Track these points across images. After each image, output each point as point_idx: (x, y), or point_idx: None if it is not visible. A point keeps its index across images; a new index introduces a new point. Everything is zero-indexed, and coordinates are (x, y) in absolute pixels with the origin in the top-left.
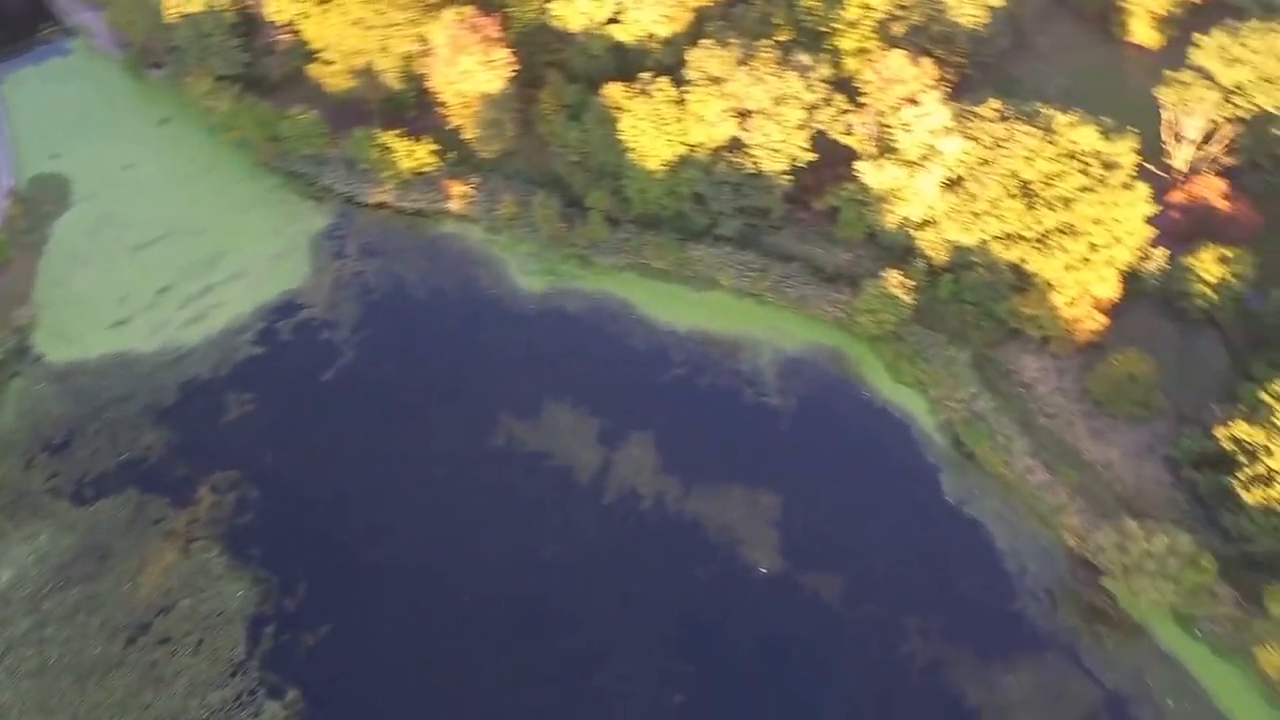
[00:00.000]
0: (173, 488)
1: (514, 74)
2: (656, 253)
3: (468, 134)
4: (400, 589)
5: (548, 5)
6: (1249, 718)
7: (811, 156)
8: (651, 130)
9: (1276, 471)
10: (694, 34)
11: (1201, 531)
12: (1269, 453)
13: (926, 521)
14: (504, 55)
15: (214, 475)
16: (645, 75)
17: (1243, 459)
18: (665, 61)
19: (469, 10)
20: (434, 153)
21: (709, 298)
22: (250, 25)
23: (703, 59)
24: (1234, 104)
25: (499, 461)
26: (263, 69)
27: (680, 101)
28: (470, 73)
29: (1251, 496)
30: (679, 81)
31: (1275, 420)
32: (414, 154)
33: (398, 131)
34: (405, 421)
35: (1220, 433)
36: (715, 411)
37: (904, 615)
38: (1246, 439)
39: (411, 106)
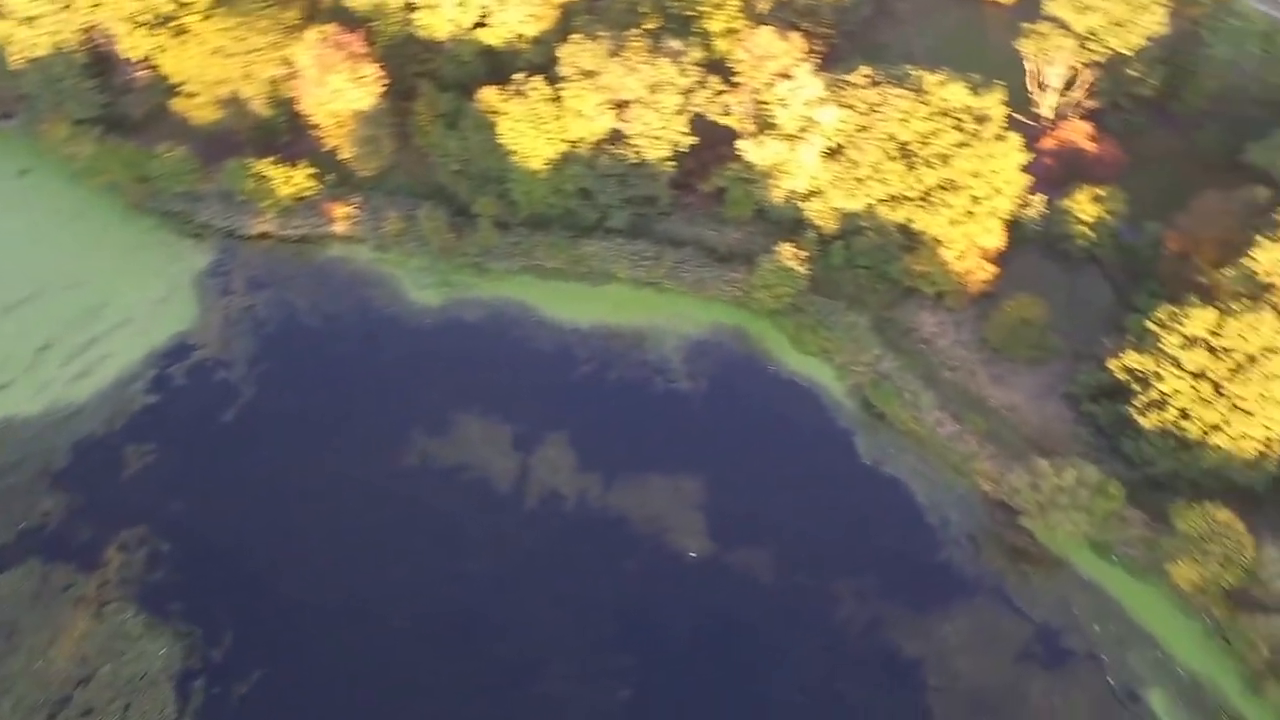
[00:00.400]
0: (78, 552)
1: (385, 88)
2: (550, 253)
3: (345, 154)
4: (329, 623)
5: (412, 16)
6: (1169, 631)
7: (693, 140)
8: (531, 131)
9: (1168, 395)
10: (562, 30)
11: (1106, 461)
12: (1159, 378)
13: (846, 485)
14: (373, 70)
15: (120, 533)
16: (518, 76)
17: (1136, 387)
18: (537, 61)
19: (331, 28)
20: (312, 176)
21: (607, 291)
22: (104, 64)
23: (574, 54)
24: (1089, 49)
25: (414, 480)
26: (123, 108)
27: (556, 99)
28: (340, 91)
29: (1148, 421)
30: (553, 79)
31: (1162, 347)
32: (291, 180)
33: (272, 159)
34: (313, 453)
35: (1113, 365)
36: (627, 404)
37: (836, 580)
38: (1137, 367)
39: (284, 132)
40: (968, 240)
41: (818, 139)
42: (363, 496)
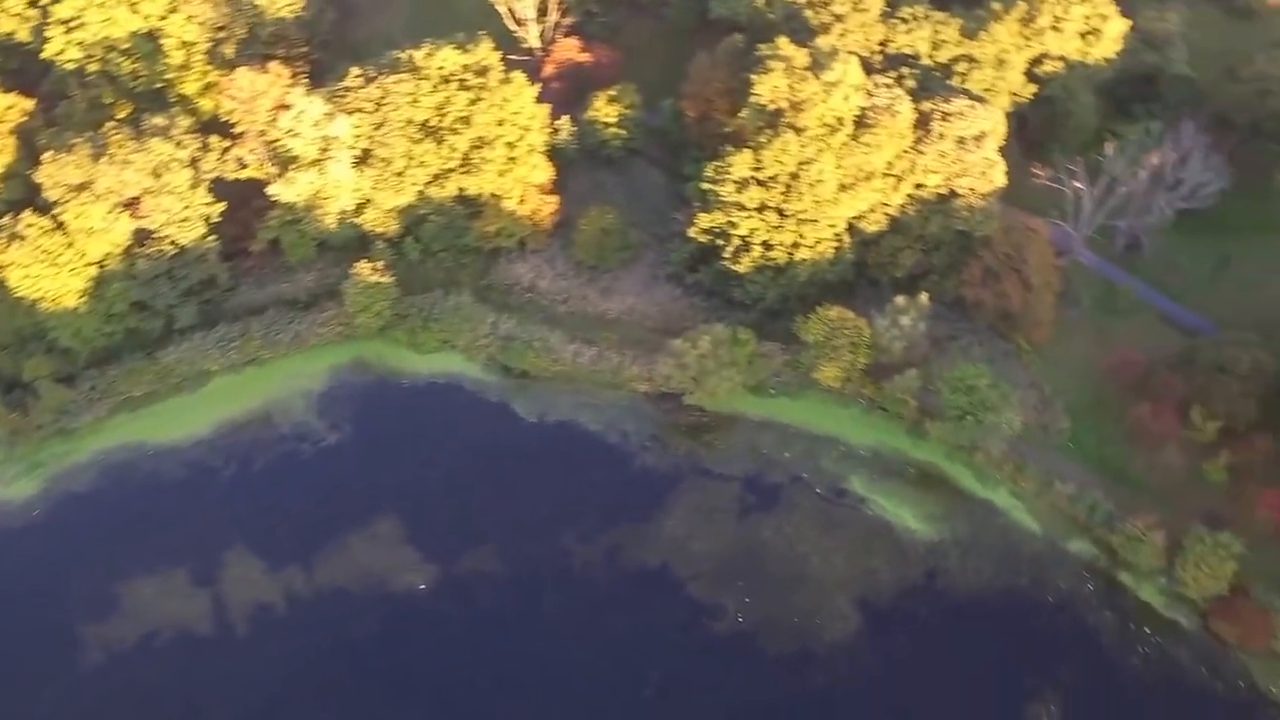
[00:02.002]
0: None
1: None
2: (132, 381)
3: None
4: None
5: None
6: (839, 425)
7: (222, 206)
8: (47, 270)
9: (747, 236)
10: (29, 156)
11: (727, 315)
12: (733, 225)
13: (522, 449)
14: None
15: None
16: (4, 221)
17: (720, 242)
18: (15, 197)
19: None
20: None
21: (211, 390)
22: None
23: (55, 173)
24: None
25: (118, 664)
26: None
27: (59, 226)
28: None
29: (742, 265)
30: (44, 208)
31: (723, 199)
32: None
33: None
34: None
35: (693, 233)
36: (288, 484)
37: (562, 537)
38: (712, 225)
39: None
40: (521, 184)
41: (342, 153)
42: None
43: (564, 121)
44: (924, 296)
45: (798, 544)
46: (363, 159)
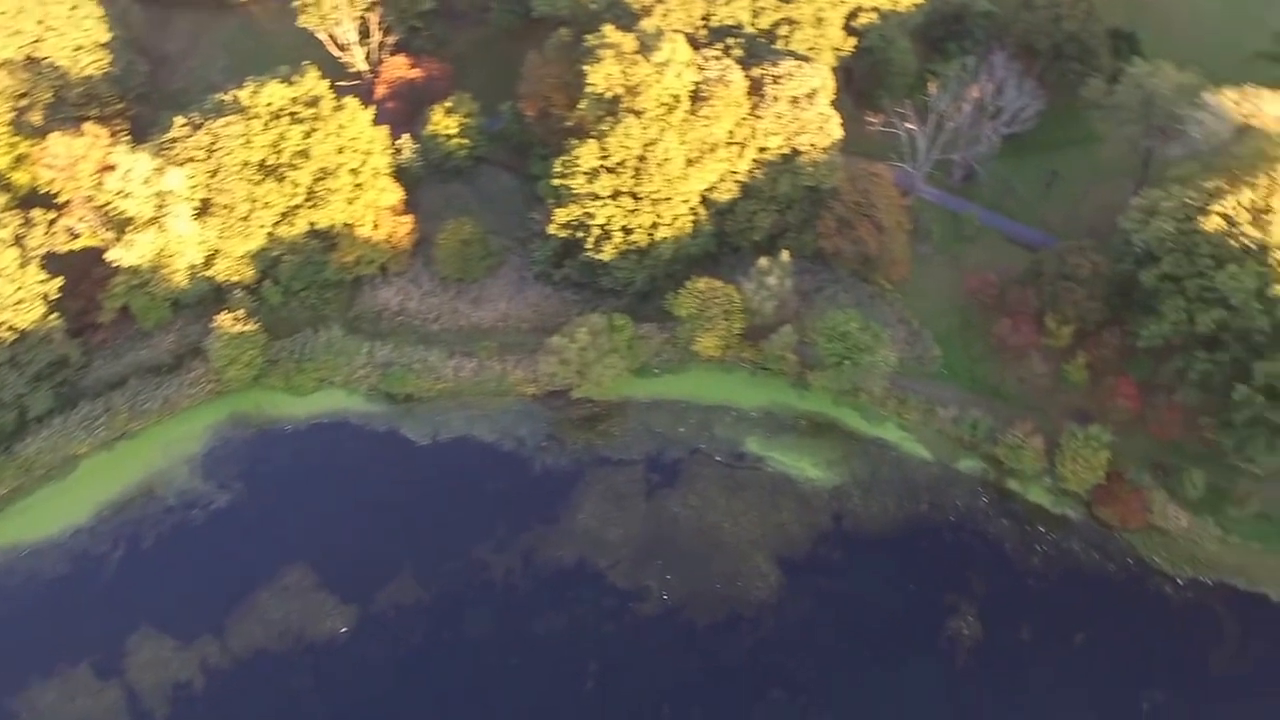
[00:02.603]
0: None
1: None
2: None
3: None
4: None
5: None
6: (727, 392)
7: (59, 282)
8: None
9: (606, 224)
10: None
11: (601, 303)
12: (590, 216)
13: (420, 473)
14: None
15: None
16: None
17: (580, 234)
18: None
19: None
20: None
21: (83, 474)
22: None
23: None
24: None
25: None
26: None
27: None
28: None
29: (607, 253)
30: None
31: (575, 192)
32: None
33: None
34: None
35: (552, 230)
36: (181, 554)
37: (473, 551)
38: (569, 219)
39: None
40: (372, 209)
41: (180, 207)
42: None
43: (405, 140)
44: (785, 254)
45: (707, 513)
46: (203, 209)
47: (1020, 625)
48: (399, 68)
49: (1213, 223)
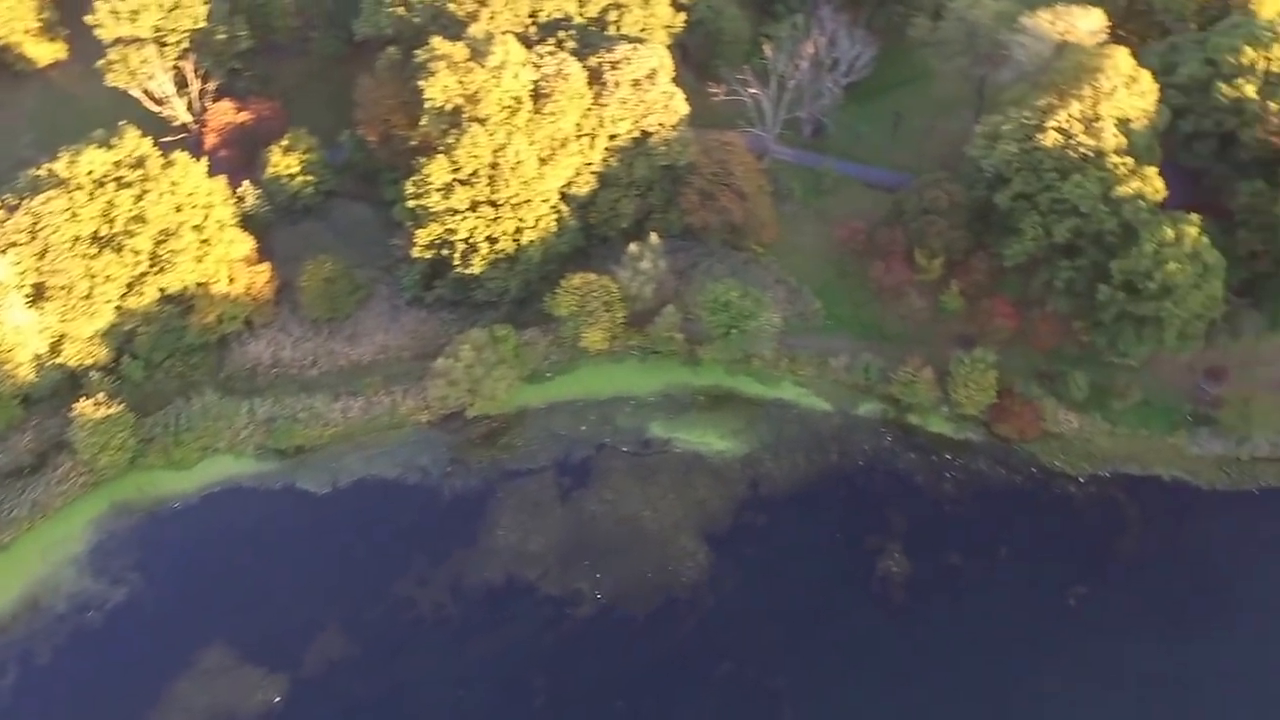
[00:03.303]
0: None
1: None
2: None
3: None
4: None
5: None
6: (621, 382)
7: None
8: None
9: (470, 237)
10: None
11: (479, 317)
12: (452, 232)
13: (326, 523)
14: None
15: None
16: None
17: (446, 252)
18: None
19: None
20: None
21: None
22: None
23: None
24: (169, 43)
25: None
26: None
27: None
28: None
29: (476, 266)
30: None
31: (433, 210)
32: None
33: None
34: None
35: (416, 253)
36: (82, 661)
37: (397, 590)
38: (431, 238)
39: None
40: (224, 263)
41: (10, 296)
42: None
43: (246, 187)
44: (654, 237)
45: (625, 505)
46: (38, 294)
47: (945, 551)
48: (226, 113)
49: (1051, 138)
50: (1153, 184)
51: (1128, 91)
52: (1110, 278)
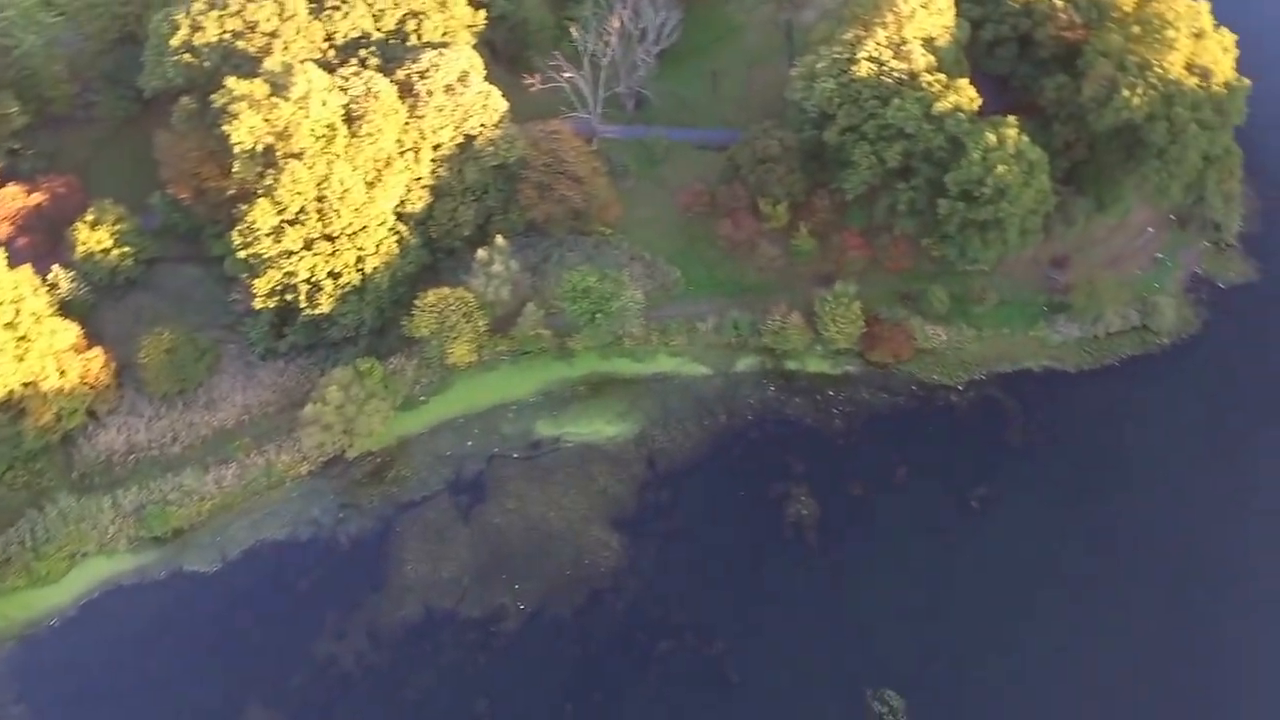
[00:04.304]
0: None
1: None
2: None
3: None
4: None
5: None
6: (499, 389)
7: None
8: None
9: (311, 276)
10: None
11: (338, 356)
12: (292, 275)
13: (223, 600)
14: None
15: None
16: None
17: (290, 296)
18: None
19: None
20: None
21: None
22: None
23: None
24: None
25: None
26: None
27: None
28: None
29: (324, 305)
30: None
31: (265, 256)
32: None
33: None
34: None
35: (257, 303)
36: None
37: (314, 651)
38: (272, 285)
39: None
40: (50, 357)
41: None
42: None
43: (57, 272)
44: (499, 239)
45: (528, 510)
46: None
47: (847, 485)
48: (15, 198)
49: (864, 68)
50: (967, 95)
51: (926, 12)
52: (947, 191)
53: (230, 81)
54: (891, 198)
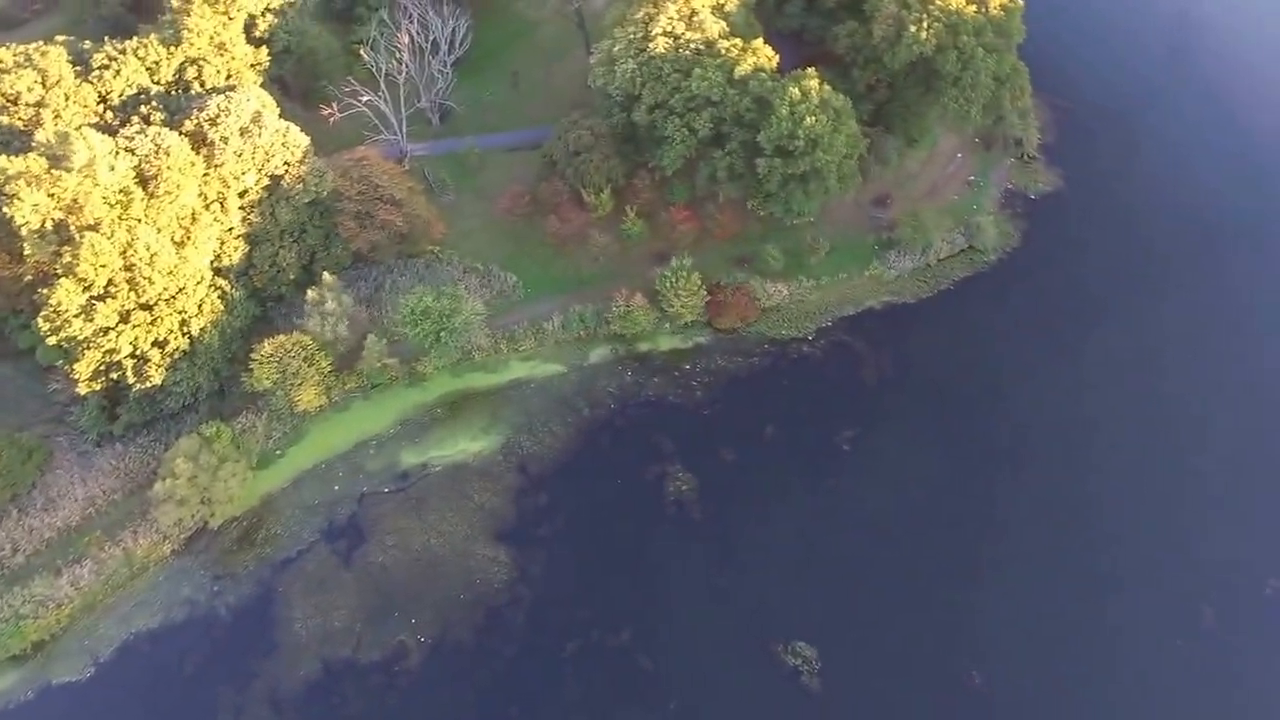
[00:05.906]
0: None
1: None
2: None
3: None
4: None
5: None
6: (355, 428)
7: None
8: None
9: (134, 341)
10: None
11: (180, 426)
12: (114, 352)
13: (109, 702)
14: None
15: None
16: None
17: (116, 375)
18: None
19: None
20: None
21: None
22: None
23: None
24: None
25: None
26: None
27: None
28: None
29: (155, 377)
30: None
31: (77, 337)
32: None
33: None
34: None
35: (83, 389)
36: None
37: None
38: (94, 367)
39: None
40: None
41: None
42: None
43: None
44: (327, 276)
45: (410, 543)
46: None
47: (719, 452)
48: None
49: (661, 44)
50: (765, 55)
51: None
52: (762, 150)
53: (1, 161)
54: (710, 166)
